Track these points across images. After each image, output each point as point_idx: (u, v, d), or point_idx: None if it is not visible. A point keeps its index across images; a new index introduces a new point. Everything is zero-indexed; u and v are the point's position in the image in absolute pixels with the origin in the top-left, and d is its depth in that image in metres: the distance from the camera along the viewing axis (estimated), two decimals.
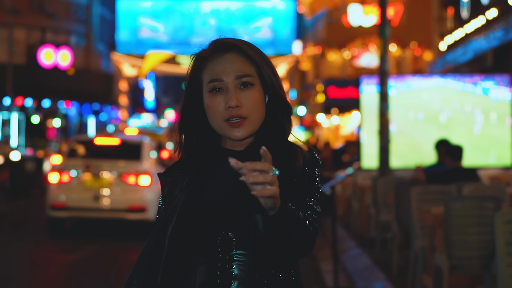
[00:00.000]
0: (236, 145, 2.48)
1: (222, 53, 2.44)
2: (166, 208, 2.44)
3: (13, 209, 19.67)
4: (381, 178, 11.64)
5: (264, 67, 2.44)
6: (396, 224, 9.61)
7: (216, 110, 2.39)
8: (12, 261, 11.76)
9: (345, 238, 13.55)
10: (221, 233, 2.33)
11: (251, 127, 2.41)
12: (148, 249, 2.39)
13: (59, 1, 41.35)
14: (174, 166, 2.53)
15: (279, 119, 2.48)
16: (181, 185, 2.41)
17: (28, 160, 24.27)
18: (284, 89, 2.50)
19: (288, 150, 2.43)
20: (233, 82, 2.39)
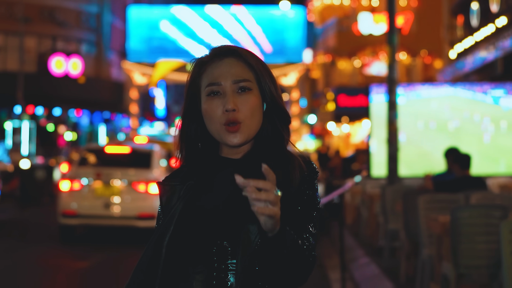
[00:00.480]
0: (233, 153, 2.47)
1: (222, 58, 2.44)
2: (164, 217, 2.44)
3: (23, 217, 19.74)
4: (390, 186, 11.63)
5: (263, 75, 2.44)
6: (404, 232, 9.61)
7: (214, 113, 2.39)
8: (22, 267, 11.80)
9: (354, 247, 13.53)
10: (216, 242, 2.32)
11: (248, 132, 2.39)
12: (146, 258, 2.39)
13: (69, 10, 41.52)
14: (173, 174, 2.53)
15: (278, 128, 2.47)
16: (179, 194, 2.42)
17: (38, 168, 24.34)
18: (295, 97, 2.49)
19: (286, 159, 2.41)
20: (231, 86, 2.39)
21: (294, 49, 47.88)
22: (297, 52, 47.94)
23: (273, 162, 2.37)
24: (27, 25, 36.16)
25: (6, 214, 19.85)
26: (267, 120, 2.47)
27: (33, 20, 37.78)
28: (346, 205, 17.87)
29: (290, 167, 2.39)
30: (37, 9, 39.37)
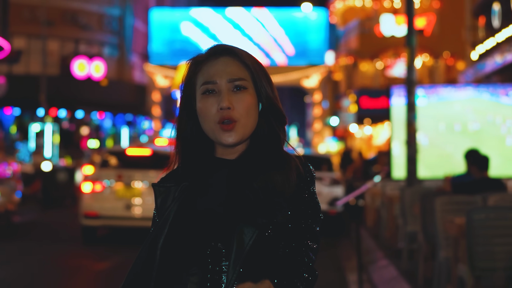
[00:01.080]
0: (228, 153, 2.44)
1: (217, 57, 2.44)
2: (159, 218, 2.43)
3: (45, 219, 19.85)
4: (409, 188, 11.59)
5: (258, 74, 2.43)
6: (422, 234, 9.58)
7: (208, 112, 2.37)
8: (43, 268, 11.87)
9: (373, 249, 13.52)
10: (210, 244, 2.30)
11: (242, 131, 2.37)
12: (140, 260, 2.38)
13: (92, 13, 41.73)
14: (168, 176, 2.51)
15: (274, 128, 2.45)
16: (173, 195, 2.41)
17: (60, 170, 24.48)
18: (318, 99, 2.47)
19: (282, 160, 2.40)
20: (226, 85, 2.38)
21: (316, 51, 47.83)
22: (319, 54, 47.89)
23: (268, 163, 2.37)
24: (50, 29, 36.37)
25: (28, 216, 19.97)
26: (263, 120, 2.45)
27: (56, 24, 38.02)
28: (366, 207, 17.86)
29: (287, 169, 2.37)
30: (59, 13, 39.59)
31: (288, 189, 2.35)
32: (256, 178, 2.33)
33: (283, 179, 2.35)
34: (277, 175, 2.35)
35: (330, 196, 16.97)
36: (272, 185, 2.33)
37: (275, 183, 2.33)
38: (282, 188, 2.33)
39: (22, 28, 37.99)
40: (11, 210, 17.67)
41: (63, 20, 39.89)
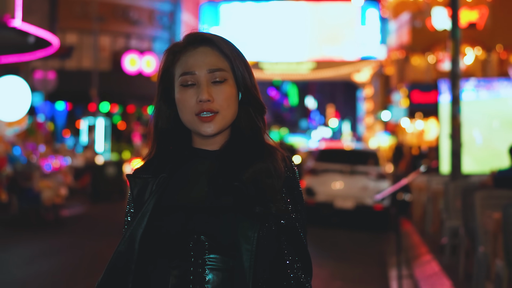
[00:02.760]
0: (207, 144, 2.39)
1: (196, 46, 2.37)
2: (135, 211, 2.37)
3: (93, 213, 20.03)
4: (453, 182, 11.43)
5: (237, 64, 2.37)
6: (463, 229, 9.43)
7: (187, 103, 2.32)
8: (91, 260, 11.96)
9: (418, 244, 13.37)
10: (193, 237, 2.25)
11: (222, 122, 2.33)
12: (119, 254, 2.33)
13: (143, 8, 41.99)
14: (144, 167, 2.45)
15: (253, 118, 2.40)
16: (151, 188, 2.34)
17: (110, 164, 24.67)
18: (369, 93, 2.40)
19: (266, 151, 2.35)
20: (205, 76, 2.32)
21: (368, 45, 47.53)
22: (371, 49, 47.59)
23: (254, 153, 2.32)
24: (101, 24, 36.65)
25: (76, 210, 20.16)
26: (242, 110, 2.40)
27: (107, 19, 38.30)
28: (413, 201, 17.69)
29: (272, 160, 2.32)
30: (111, 8, 39.91)
31: (277, 180, 2.30)
32: (243, 168, 2.28)
33: (271, 170, 2.30)
34: (264, 166, 2.30)
35: (377, 190, 16.83)
36: (261, 176, 2.27)
37: (263, 173, 2.28)
38: (271, 180, 2.29)
39: (74, 23, 38.37)
40: (58, 204, 17.83)
41: (114, 16, 40.20)
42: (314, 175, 17.79)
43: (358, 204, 17.27)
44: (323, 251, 13.36)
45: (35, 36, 18.79)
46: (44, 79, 27.98)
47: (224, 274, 2.25)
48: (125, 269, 2.32)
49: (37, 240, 14.38)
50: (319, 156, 19.09)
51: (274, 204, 2.26)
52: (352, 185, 17.49)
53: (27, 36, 18.58)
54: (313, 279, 2.38)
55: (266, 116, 2.47)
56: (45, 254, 12.63)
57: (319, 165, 18.19)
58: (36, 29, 18.30)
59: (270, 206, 2.25)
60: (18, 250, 13.06)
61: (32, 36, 18.66)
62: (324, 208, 17.59)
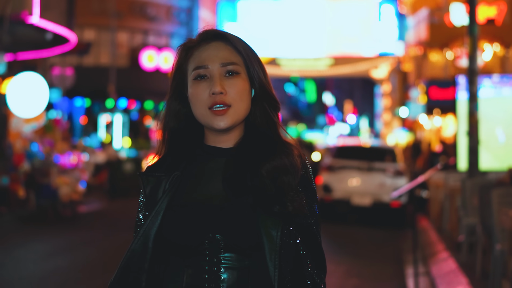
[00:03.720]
0: (221, 141, 2.38)
1: (209, 42, 2.38)
2: (149, 209, 2.36)
3: (110, 209, 20.09)
4: (470, 179, 11.38)
5: (251, 60, 2.37)
6: (480, 226, 9.38)
7: (200, 97, 2.32)
8: (104, 257, 11.99)
9: (435, 241, 13.33)
10: (208, 236, 2.25)
11: (235, 116, 2.32)
12: (132, 253, 2.32)
13: (160, 5, 42.03)
14: (156, 165, 2.43)
15: (268, 114, 2.39)
16: (164, 186, 2.34)
17: (127, 161, 24.73)
18: (387, 90, 2.39)
19: (282, 147, 2.34)
20: (218, 69, 2.32)
21: (385, 41, 47.37)
22: (389, 45, 47.43)
23: (270, 150, 2.31)
24: (119, 20, 36.74)
25: (93, 206, 20.23)
26: (256, 106, 2.39)
27: (124, 15, 38.36)
28: (431, 199, 17.62)
29: (288, 155, 2.31)
30: (128, 4, 39.96)
31: (294, 178, 2.29)
32: (260, 167, 2.27)
33: (288, 166, 2.29)
34: (281, 162, 2.29)
35: (394, 187, 16.78)
36: (279, 173, 2.27)
37: (281, 170, 2.27)
38: (289, 177, 2.28)
39: (92, 20, 38.45)
40: (76, 200, 17.90)
41: (132, 12, 40.26)
42: (331, 171, 17.77)
43: (375, 201, 17.24)
44: (339, 248, 13.34)
45: (53, 33, 18.85)
46: (62, 75, 28.09)
47: (239, 273, 2.24)
48: (138, 267, 2.32)
49: (55, 236, 14.44)
50: (336, 152, 19.08)
51: (291, 203, 2.25)
52: (369, 182, 17.45)
53: (45, 33, 18.64)
54: (329, 276, 2.38)
55: (284, 112, 2.45)
56: (62, 250, 12.68)
57: (336, 161, 18.17)
58: (54, 26, 18.36)
59: (287, 205, 2.25)
60: (35, 246, 13.11)
61: (50, 32, 18.72)
62: (341, 205, 17.56)
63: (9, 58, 20.35)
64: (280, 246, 2.21)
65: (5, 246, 12.97)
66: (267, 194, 2.24)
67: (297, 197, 2.28)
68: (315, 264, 2.31)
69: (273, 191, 2.24)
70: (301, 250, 2.29)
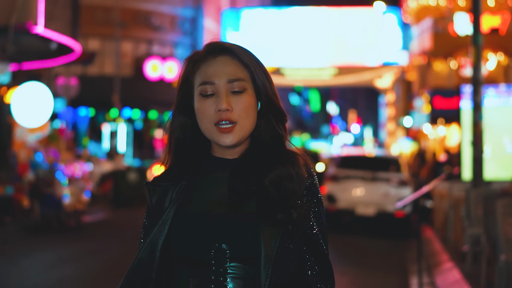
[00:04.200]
0: (227, 153, 2.39)
1: (216, 55, 2.37)
2: (156, 218, 2.36)
3: (114, 219, 20.09)
4: (474, 189, 11.36)
5: (257, 73, 2.37)
6: (484, 237, 9.36)
7: (206, 113, 2.32)
8: (109, 267, 11.99)
9: (439, 251, 13.30)
10: (214, 245, 2.24)
11: (241, 133, 2.32)
12: (139, 262, 2.33)
13: (165, 14, 42.10)
14: (163, 175, 2.44)
15: (274, 126, 2.39)
16: (171, 196, 2.35)
17: (131, 170, 24.75)
18: (391, 99, 2.39)
19: (287, 158, 2.34)
20: (224, 86, 2.32)
21: (389, 51, 47.38)
22: (392, 54, 47.44)
23: (274, 160, 2.31)
24: (123, 30, 36.82)
25: (98, 216, 20.24)
26: (262, 119, 2.39)
27: (129, 25, 38.44)
28: (435, 208, 17.60)
29: (293, 165, 2.32)
30: (133, 14, 40.05)
31: (299, 186, 2.30)
32: (264, 175, 2.27)
33: (293, 175, 2.30)
34: (286, 170, 2.30)
35: (398, 197, 16.78)
36: (283, 181, 2.27)
37: (285, 179, 2.28)
38: (293, 185, 2.29)
39: (96, 29, 38.55)
40: (80, 210, 17.91)
41: (136, 22, 40.35)
42: (335, 181, 17.77)
43: (380, 211, 17.23)
44: (344, 258, 13.32)
45: (57, 43, 18.89)
46: (66, 85, 28.11)
47: (245, 283, 2.24)
48: (145, 276, 2.33)
49: (59, 246, 14.44)
50: (340, 162, 19.07)
51: (296, 211, 2.26)
52: (374, 192, 17.45)
53: (50, 43, 18.69)
54: None
55: (288, 122, 2.46)
56: (66, 260, 12.67)
57: (340, 171, 18.16)
58: (58, 36, 18.40)
59: (292, 212, 2.25)
60: (39, 256, 13.11)
61: (55, 42, 18.76)
62: (345, 215, 17.56)
63: (14, 68, 20.39)
64: (276, 256, 2.20)
65: (10, 256, 12.97)
66: (270, 202, 2.24)
67: (302, 204, 2.28)
68: (321, 274, 2.32)
69: (276, 199, 2.24)
70: (306, 260, 2.29)
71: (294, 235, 2.27)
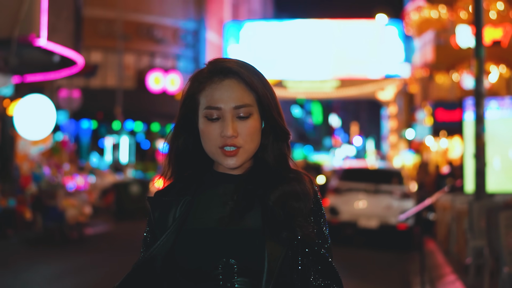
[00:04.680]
0: (231, 170, 2.39)
1: (222, 78, 2.34)
2: (159, 233, 2.35)
3: (117, 231, 20.06)
4: (477, 202, 11.35)
5: (263, 95, 2.35)
6: (487, 249, 9.35)
7: (211, 136, 2.31)
8: (111, 279, 11.97)
9: (442, 264, 13.28)
10: (222, 260, 2.24)
11: (245, 155, 2.32)
12: (139, 277, 2.34)
13: (167, 27, 42.19)
14: (166, 189, 2.43)
15: (278, 145, 2.40)
16: (175, 210, 2.34)
17: (133, 183, 24.74)
18: (393, 112, 2.39)
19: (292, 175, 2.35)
20: (231, 111, 2.30)
21: (391, 63, 47.43)
22: (394, 67, 47.48)
23: (278, 179, 2.32)
24: (126, 42, 36.92)
25: (100, 228, 20.22)
26: (266, 138, 2.40)
27: (131, 38, 38.56)
28: (438, 221, 17.58)
29: (299, 182, 2.33)
30: (135, 27, 40.15)
31: (305, 205, 2.31)
32: (269, 193, 2.28)
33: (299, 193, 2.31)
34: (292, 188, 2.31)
35: (401, 210, 16.77)
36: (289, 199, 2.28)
37: (291, 197, 2.28)
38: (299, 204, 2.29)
39: (99, 42, 38.64)
40: (82, 222, 17.90)
41: (138, 34, 40.44)
42: (337, 194, 17.76)
43: (382, 224, 17.21)
44: (346, 271, 13.29)
45: (60, 55, 18.92)
46: (69, 97, 28.20)
47: None
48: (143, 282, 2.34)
49: (61, 259, 14.43)
50: (342, 175, 19.06)
51: (301, 229, 2.26)
52: (376, 204, 17.44)
53: (53, 55, 18.71)
54: None
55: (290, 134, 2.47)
56: (69, 273, 12.66)
57: (342, 184, 18.16)
58: (61, 48, 18.43)
59: (297, 231, 2.25)
60: (42, 268, 13.10)
61: (57, 55, 18.79)
62: (347, 228, 17.55)
63: (17, 80, 20.41)
64: (279, 273, 2.21)
65: (12, 269, 12.96)
66: (276, 219, 2.25)
67: (306, 223, 2.28)
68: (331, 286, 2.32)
69: (281, 217, 2.25)
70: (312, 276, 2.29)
71: (298, 252, 2.27)
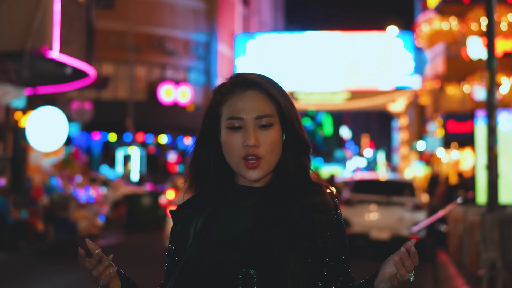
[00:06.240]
0: (252, 182, 2.41)
1: (244, 90, 2.39)
2: (181, 246, 2.40)
3: (128, 243, 20.07)
4: (489, 214, 11.31)
5: (285, 106, 2.39)
6: (501, 261, 9.32)
7: (233, 146, 2.35)
8: None
9: (455, 276, 13.25)
10: (241, 271, 2.27)
11: (267, 167, 2.36)
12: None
13: (178, 39, 42.28)
14: (187, 202, 2.47)
15: (299, 157, 2.43)
16: (196, 223, 2.38)
17: (146, 195, 24.77)
18: (404, 123, 2.41)
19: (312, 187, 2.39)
20: (252, 121, 2.35)
21: (402, 75, 47.41)
22: (405, 78, 47.46)
23: (300, 191, 2.36)
24: (137, 55, 37.03)
25: (112, 240, 20.22)
26: (287, 150, 2.43)
27: (142, 50, 38.68)
28: (450, 232, 17.54)
29: (320, 195, 2.37)
30: (146, 39, 40.25)
31: (326, 216, 2.35)
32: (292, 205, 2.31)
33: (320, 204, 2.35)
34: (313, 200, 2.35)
35: (413, 221, 16.74)
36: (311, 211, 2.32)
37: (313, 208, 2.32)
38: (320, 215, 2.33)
39: (110, 54, 38.75)
40: (94, 233, 17.94)
41: (149, 46, 40.55)
42: (349, 206, 17.74)
43: (394, 235, 17.17)
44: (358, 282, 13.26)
45: (72, 67, 19.00)
46: (80, 109, 28.27)
47: None
48: None
49: (73, 270, 14.44)
50: (354, 186, 19.05)
51: (322, 240, 2.30)
52: (388, 216, 17.40)
53: (65, 67, 18.80)
54: None
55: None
56: (81, 285, 12.67)
57: (354, 196, 18.14)
58: (73, 60, 18.51)
59: (319, 242, 2.29)
60: (54, 280, 13.12)
61: (69, 67, 18.87)
62: (359, 239, 17.51)
63: (29, 92, 20.50)
64: (302, 282, 2.24)
65: (24, 281, 12.98)
66: (298, 230, 2.28)
67: (328, 233, 2.33)
68: None
69: (304, 228, 2.28)
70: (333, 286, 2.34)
71: (319, 262, 2.31)
